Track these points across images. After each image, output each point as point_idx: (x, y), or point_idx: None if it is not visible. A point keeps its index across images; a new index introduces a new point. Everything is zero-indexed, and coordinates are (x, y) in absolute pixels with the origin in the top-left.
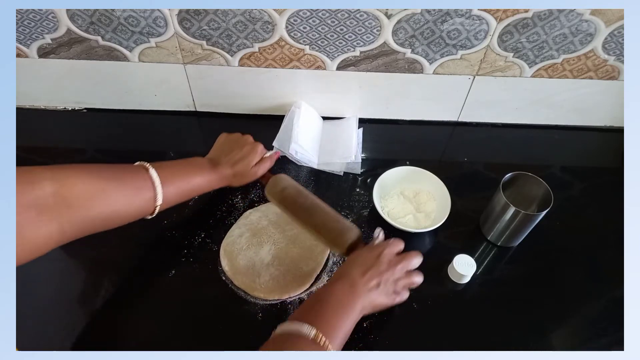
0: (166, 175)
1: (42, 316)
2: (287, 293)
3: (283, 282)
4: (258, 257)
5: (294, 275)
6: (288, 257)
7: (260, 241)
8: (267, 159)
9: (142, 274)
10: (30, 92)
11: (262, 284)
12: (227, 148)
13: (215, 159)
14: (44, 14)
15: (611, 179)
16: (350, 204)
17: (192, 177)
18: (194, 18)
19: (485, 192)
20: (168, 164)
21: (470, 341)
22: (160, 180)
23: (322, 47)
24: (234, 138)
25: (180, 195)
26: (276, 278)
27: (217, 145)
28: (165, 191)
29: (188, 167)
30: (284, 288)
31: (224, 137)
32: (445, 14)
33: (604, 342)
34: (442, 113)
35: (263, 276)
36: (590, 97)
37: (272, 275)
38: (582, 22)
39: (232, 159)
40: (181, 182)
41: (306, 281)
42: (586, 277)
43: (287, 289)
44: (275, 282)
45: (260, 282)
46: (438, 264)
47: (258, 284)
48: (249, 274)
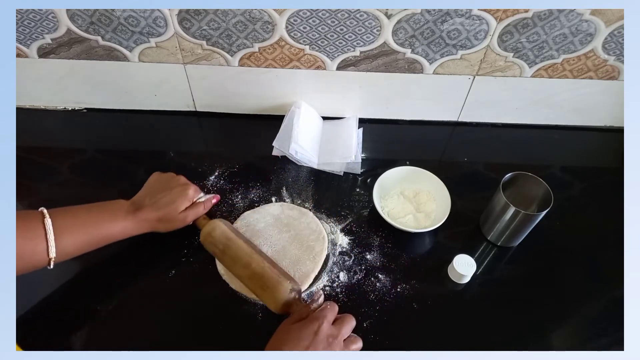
0: (66, 224)
1: (42, 316)
2: None
3: None
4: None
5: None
6: (287, 258)
7: (258, 243)
8: (199, 204)
9: (142, 274)
10: (30, 92)
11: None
12: (155, 189)
13: (138, 202)
14: (44, 14)
15: (611, 179)
16: (350, 204)
17: (100, 225)
18: (194, 18)
19: (485, 192)
20: (74, 210)
21: (470, 341)
22: (57, 229)
23: (322, 47)
24: (165, 179)
25: (83, 246)
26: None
27: (146, 185)
28: (60, 242)
29: (98, 214)
30: None
31: (155, 176)
32: (445, 14)
33: (604, 342)
34: (442, 113)
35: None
36: (590, 97)
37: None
38: (582, 22)
39: (158, 202)
40: (84, 231)
41: (305, 282)
42: (586, 277)
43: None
44: None
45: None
46: (438, 264)
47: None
48: None
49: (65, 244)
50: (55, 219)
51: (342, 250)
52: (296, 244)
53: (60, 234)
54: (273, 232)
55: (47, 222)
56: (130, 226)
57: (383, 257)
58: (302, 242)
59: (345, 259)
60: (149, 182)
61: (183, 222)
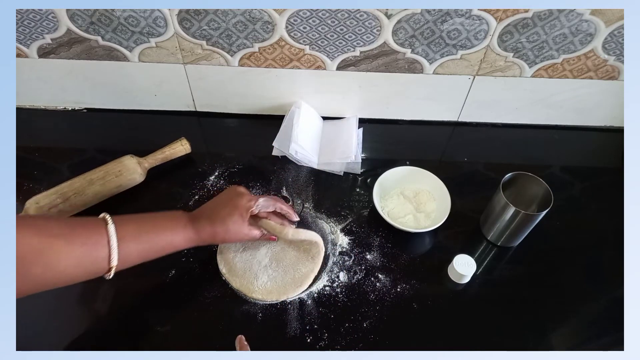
0: (129, 231)
1: (42, 316)
2: (285, 294)
3: (281, 283)
4: (255, 260)
5: (292, 277)
6: (286, 259)
7: (257, 244)
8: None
9: (142, 274)
10: (30, 92)
11: (260, 285)
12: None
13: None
14: (44, 14)
15: (611, 179)
16: (350, 204)
17: (162, 233)
18: (194, 18)
19: (485, 192)
20: (137, 218)
21: (470, 341)
22: (120, 237)
23: (322, 47)
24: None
25: (145, 254)
26: (274, 279)
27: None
28: (123, 250)
29: (161, 222)
30: (282, 289)
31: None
32: (445, 14)
33: (604, 342)
34: (442, 113)
35: (261, 278)
36: (590, 97)
37: (270, 276)
38: (582, 22)
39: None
40: (147, 239)
41: (304, 282)
42: (586, 277)
43: (285, 290)
44: (274, 283)
45: (259, 284)
46: (438, 264)
47: (256, 285)
48: (246, 276)
49: (128, 251)
50: (119, 226)
51: (342, 250)
52: (294, 246)
53: (124, 241)
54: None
55: (110, 228)
56: (189, 236)
57: (383, 257)
58: (300, 244)
59: (345, 259)
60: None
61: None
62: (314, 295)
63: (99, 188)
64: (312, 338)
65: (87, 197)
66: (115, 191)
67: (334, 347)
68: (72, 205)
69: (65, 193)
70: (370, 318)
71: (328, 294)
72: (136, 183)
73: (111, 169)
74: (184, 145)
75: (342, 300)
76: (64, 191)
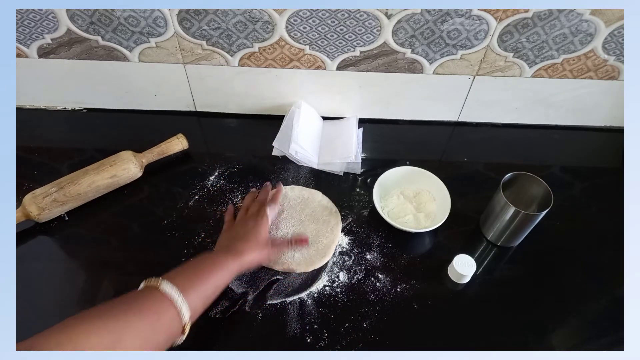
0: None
1: (42, 316)
2: (312, 265)
3: (307, 255)
4: (279, 236)
5: (316, 249)
6: (307, 233)
7: (275, 224)
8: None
9: (142, 274)
10: (30, 92)
11: (289, 258)
12: (235, 229)
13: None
14: (44, 14)
15: (611, 179)
16: (350, 204)
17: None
18: (194, 18)
19: (485, 192)
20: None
21: (470, 341)
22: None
23: (322, 47)
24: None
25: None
26: (300, 252)
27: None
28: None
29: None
30: (309, 260)
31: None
32: (445, 14)
33: (604, 342)
34: (442, 113)
35: (288, 252)
36: (590, 97)
37: (296, 250)
38: (582, 22)
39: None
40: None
41: (327, 253)
42: (586, 277)
43: (311, 261)
44: (301, 255)
45: (287, 258)
46: (438, 264)
47: (284, 258)
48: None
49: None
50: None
51: (342, 250)
52: (312, 220)
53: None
54: (291, 212)
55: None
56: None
57: (383, 257)
58: (318, 218)
59: (345, 259)
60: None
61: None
62: (314, 295)
63: (93, 177)
64: (312, 338)
65: (82, 187)
66: (111, 182)
67: (334, 347)
68: (67, 194)
69: (59, 182)
70: (370, 318)
71: (328, 294)
72: (132, 175)
73: (106, 160)
74: (180, 139)
75: (342, 300)
76: (59, 181)
